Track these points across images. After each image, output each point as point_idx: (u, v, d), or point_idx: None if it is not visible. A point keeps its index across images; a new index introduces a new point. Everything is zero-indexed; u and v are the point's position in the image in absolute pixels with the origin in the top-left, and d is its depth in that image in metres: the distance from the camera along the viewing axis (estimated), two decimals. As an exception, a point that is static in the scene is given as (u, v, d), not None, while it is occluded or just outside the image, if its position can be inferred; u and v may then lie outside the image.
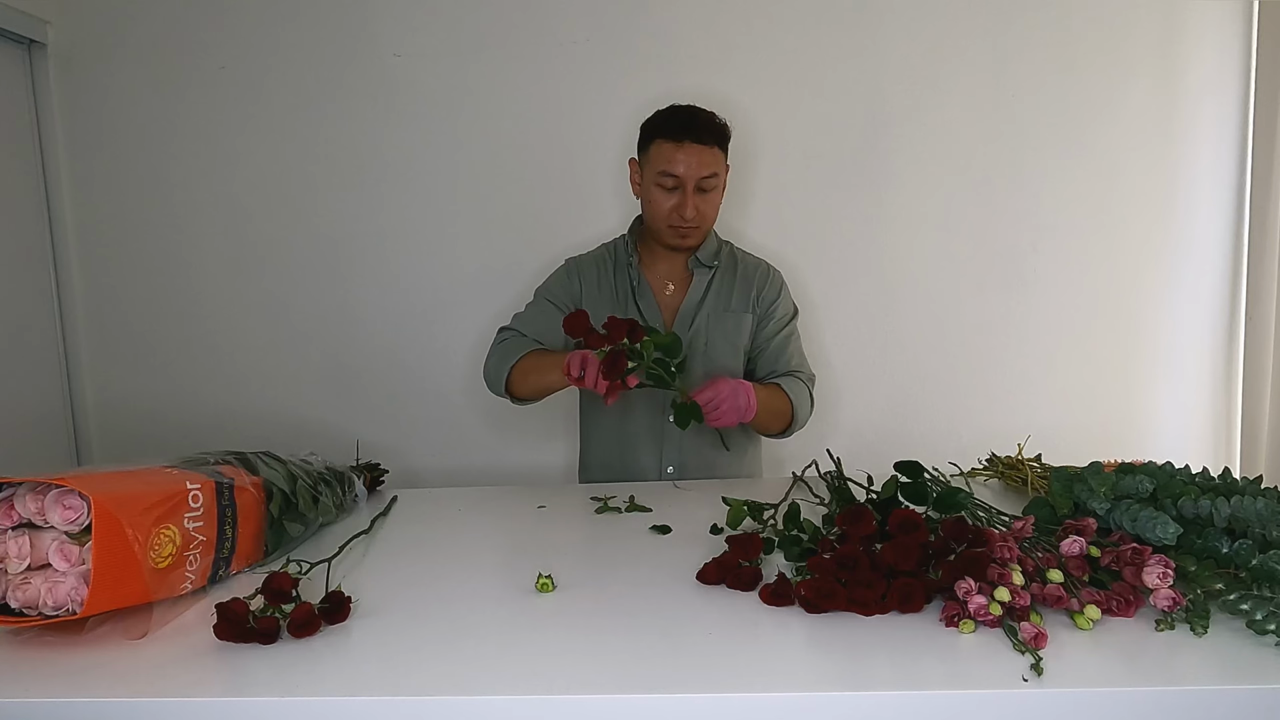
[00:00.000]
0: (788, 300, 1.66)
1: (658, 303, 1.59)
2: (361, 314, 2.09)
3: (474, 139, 2.02)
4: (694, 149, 1.45)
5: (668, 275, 1.61)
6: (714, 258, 1.61)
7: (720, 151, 1.50)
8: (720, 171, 1.51)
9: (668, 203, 1.49)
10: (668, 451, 1.59)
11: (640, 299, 1.58)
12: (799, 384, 1.59)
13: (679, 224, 1.50)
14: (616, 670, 0.76)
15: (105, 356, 2.10)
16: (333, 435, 2.05)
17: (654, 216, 1.53)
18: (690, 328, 1.57)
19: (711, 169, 1.47)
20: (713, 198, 1.52)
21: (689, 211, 1.47)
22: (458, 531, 1.22)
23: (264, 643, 0.82)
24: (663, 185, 1.49)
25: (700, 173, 1.46)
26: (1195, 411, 2.13)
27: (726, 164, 1.54)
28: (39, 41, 1.96)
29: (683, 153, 1.46)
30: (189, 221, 2.06)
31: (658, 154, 1.48)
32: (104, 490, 0.83)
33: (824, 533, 1.02)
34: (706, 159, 1.46)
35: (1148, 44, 1.99)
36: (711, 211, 1.53)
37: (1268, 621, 0.76)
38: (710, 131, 1.48)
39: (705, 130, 1.47)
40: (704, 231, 1.56)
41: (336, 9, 1.99)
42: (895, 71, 2.00)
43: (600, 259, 1.64)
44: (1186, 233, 2.06)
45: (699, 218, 1.50)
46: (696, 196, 1.48)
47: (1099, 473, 1.02)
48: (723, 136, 1.51)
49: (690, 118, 1.48)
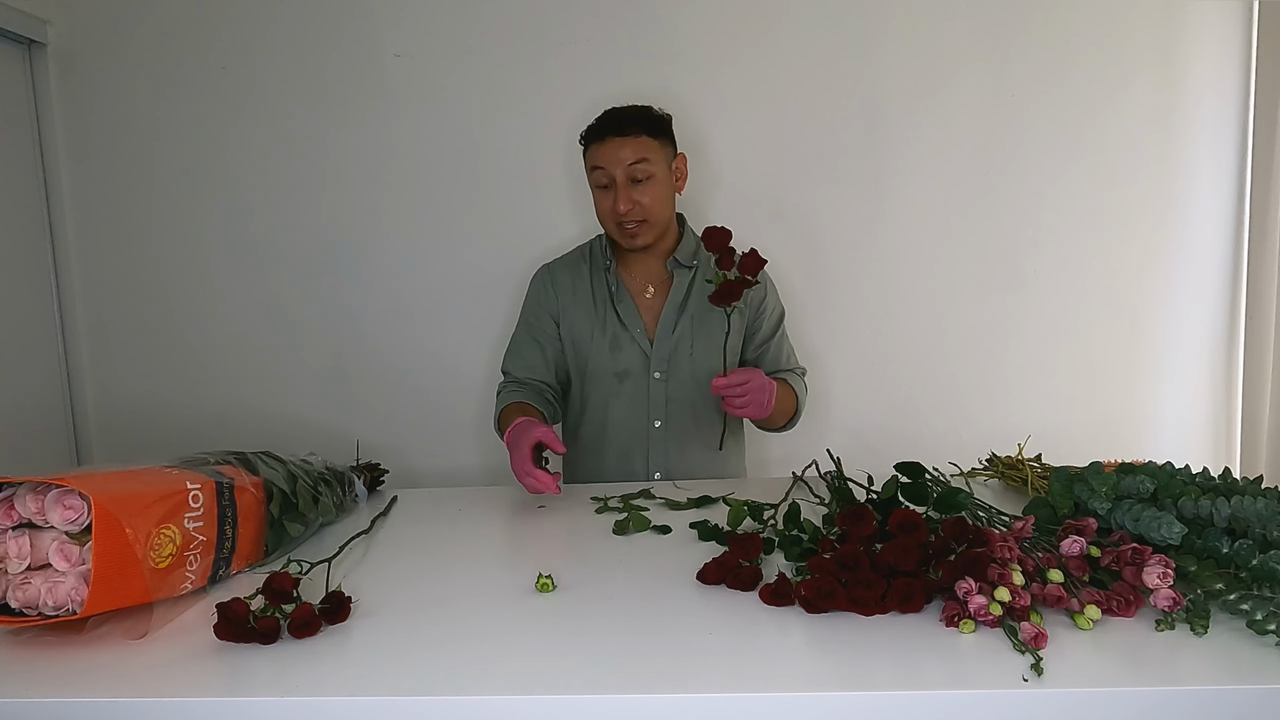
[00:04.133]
0: (776, 297, 1.64)
1: (637, 307, 1.57)
2: (362, 314, 2.09)
3: (474, 139, 2.02)
4: (615, 141, 1.46)
5: (646, 278, 1.58)
6: (693, 257, 1.58)
7: (649, 139, 1.48)
8: (652, 158, 1.47)
9: (606, 202, 1.49)
10: (654, 457, 1.58)
11: (619, 304, 1.57)
12: (799, 380, 1.60)
13: (620, 220, 1.48)
14: (616, 670, 0.76)
15: (105, 356, 2.10)
16: (333, 435, 2.05)
17: (602, 221, 1.54)
18: (674, 332, 1.55)
19: (638, 155, 1.46)
20: (651, 188, 1.48)
21: (622, 205, 1.46)
22: (458, 531, 1.22)
23: (264, 643, 0.82)
24: (598, 185, 1.50)
25: (626, 160, 1.45)
26: (1195, 411, 2.13)
27: (673, 153, 1.53)
28: (39, 41, 1.96)
29: (605, 147, 1.47)
30: (189, 221, 2.06)
31: (588, 157, 1.51)
32: (104, 490, 0.83)
33: (824, 533, 1.02)
34: (630, 148, 1.46)
35: (1148, 44, 1.99)
36: (653, 203, 1.48)
37: (1268, 621, 0.76)
38: (632, 121, 1.47)
39: (625, 121, 1.47)
40: (654, 226, 1.51)
41: (336, 9, 1.99)
42: (895, 71, 2.00)
43: (575, 263, 1.63)
44: (1186, 233, 2.06)
45: (638, 210, 1.47)
46: (631, 189, 1.47)
47: (1099, 473, 1.02)
48: (651, 125, 1.49)
49: (610, 114, 1.50)
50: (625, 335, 1.56)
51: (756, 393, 1.36)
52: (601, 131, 1.48)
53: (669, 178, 1.52)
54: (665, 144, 1.52)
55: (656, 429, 1.57)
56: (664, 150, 1.51)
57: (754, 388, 1.36)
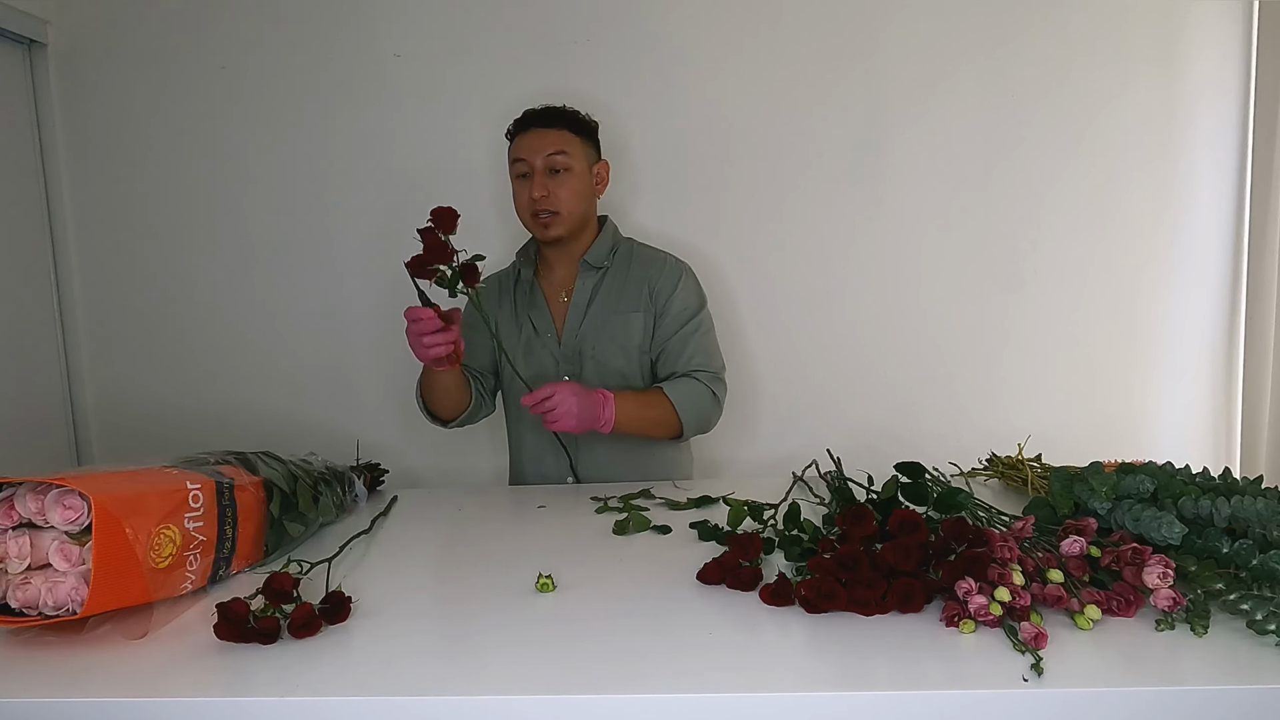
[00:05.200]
0: (689, 294, 1.58)
1: (550, 312, 1.58)
2: (362, 314, 2.09)
3: (474, 139, 2.02)
4: (536, 132, 1.50)
5: (563, 283, 1.60)
6: (604, 258, 1.58)
7: (572, 135, 1.51)
8: (572, 152, 1.50)
9: (524, 193, 1.51)
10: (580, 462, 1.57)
11: (532, 310, 1.59)
12: (693, 385, 1.51)
13: (533, 208, 1.50)
14: (616, 670, 0.76)
15: (105, 356, 2.11)
16: (333, 435, 2.05)
17: (519, 212, 1.55)
18: (577, 333, 1.56)
19: (558, 147, 1.49)
20: (568, 180, 1.50)
21: (536, 190, 1.48)
22: (458, 531, 1.22)
23: (264, 643, 0.82)
24: (518, 175, 1.52)
25: (544, 150, 1.48)
26: (1195, 411, 2.13)
27: (595, 156, 1.56)
28: (39, 41, 1.96)
29: (526, 138, 1.51)
30: (189, 221, 2.06)
31: (511, 152, 1.54)
32: (104, 490, 0.83)
33: (824, 533, 1.02)
34: (550, 139, 1.49)
35: (1148, 44, 1.99)
36: (568, 196, 1.50)
37: (1268, 621, 0.76)
38: (555, 116, 1.52)
39: (547, 116, 1.52)
40: (566, 220, 1.51)
41: (337, 9, 1.99)
42: (895, 71, 2.00)
43: (505, 274, 1.66)
44: (1186, 232, 2.06)
45: (552, 199, 1.49)
46: (548, 179, 1.49)
47: (1099, 473, 1.02)
48: (575, 123, 1.53)
49: (534, 109, 1.54)
50: (537, 340, 1.58)
51: (563, 403, 1.34)
52: (525, 123, 1.53)
53: (588, 177, 1.55)
54: (587, 143, 1.55)
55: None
56: (585, 149, 1.54)
57: (559, 401, 1.34)
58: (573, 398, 1.35)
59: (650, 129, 1.99)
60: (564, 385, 1.37)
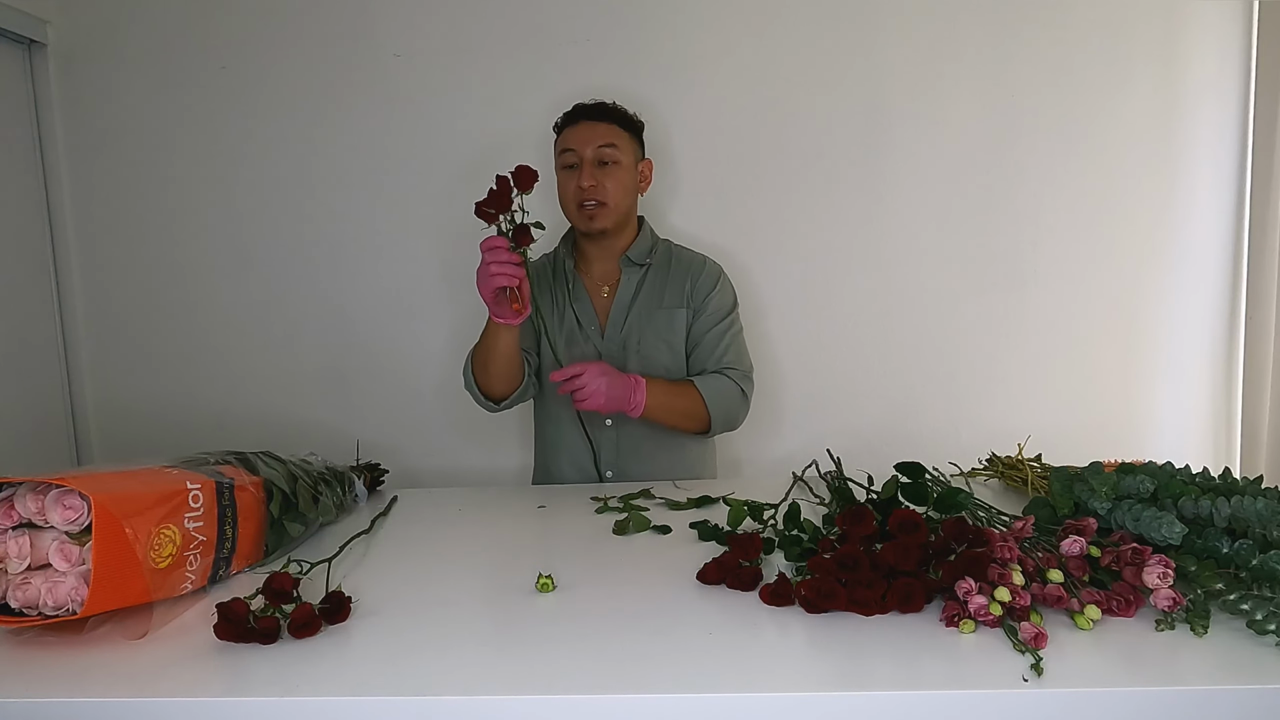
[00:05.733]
0: (725, 294, 1.62)
1: (593, 305, 1.59)
2: (362, 314, 2.09)
3: (474, 139, 2.02)
4: (587, 124, 1.53)
5: (603, 277, 1.61)
6: (646, 255, 1.61)
7: (620, 129, 1.54)
8: (620, 146, 1.53)
9: (571, 183, 1.52)
10: (606, 456, 1.58)
11: (575, 301, 1.60)
12: (723, 381, 1.54)
13: (580, 198, 1.51)
14: (616, 670, 0.76)
15: (105, 357, 2.10)
16: (333, 435, 2.05)
17: (564, 204, 1.56)
18: (623, 327, 1.57)
19: (607, 139, 1.51)
20: (615, 173, 1.52)
21: (586, 180, 1.49)
22: (458, 531, 1.22)
23: (264, 643, 0.82)
24: (565, 165, 1.53)
25: (594, 142, 1.51)
26: (1195, 411, 2.13)
27: (640, 153, 1.58)
28: (39, 41, 1.96)
29: (576, 130, 1.53)
30: (189, 221, 2.06)
31: (559, 143, 1.56)
32: (104, 490, 0.83)
33: (824, 533, 1.02)
34: (600, 131, 1.52)
35: (1148, 44, 1.99)
36: (616, 188, 1.52)
37: (1268, 621, 0.76)
38: (605, 111, 1.55)
39: (598, 110, 1.54)
40: (613, 212, 1.53)
41: (337, 9, 1.99)
42: (895, 71, 2.00)
43: (541, 266, 1.66)
44: (1186, 233, 2.06)
45: (599, 190, 1.51)
46: (596, 170, 1.51)
47: (1099, 473, 1.02)
48: (624, 119, 1.56)
49: (584, 103, 1.56)
50: (580, 333, 1.59)
51: (593, 381, 1.37)
52: (575, 116, 1.55)
53: (634, 172, 1.57)
54: (634, 140, 1.58)
55: (608, 427, 1.58)
56: (632, 144, 1.57)
57: (588, 379, 1.37)
58: (602, 377, 1.38)
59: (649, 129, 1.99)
60: (594, 364, 1.39)
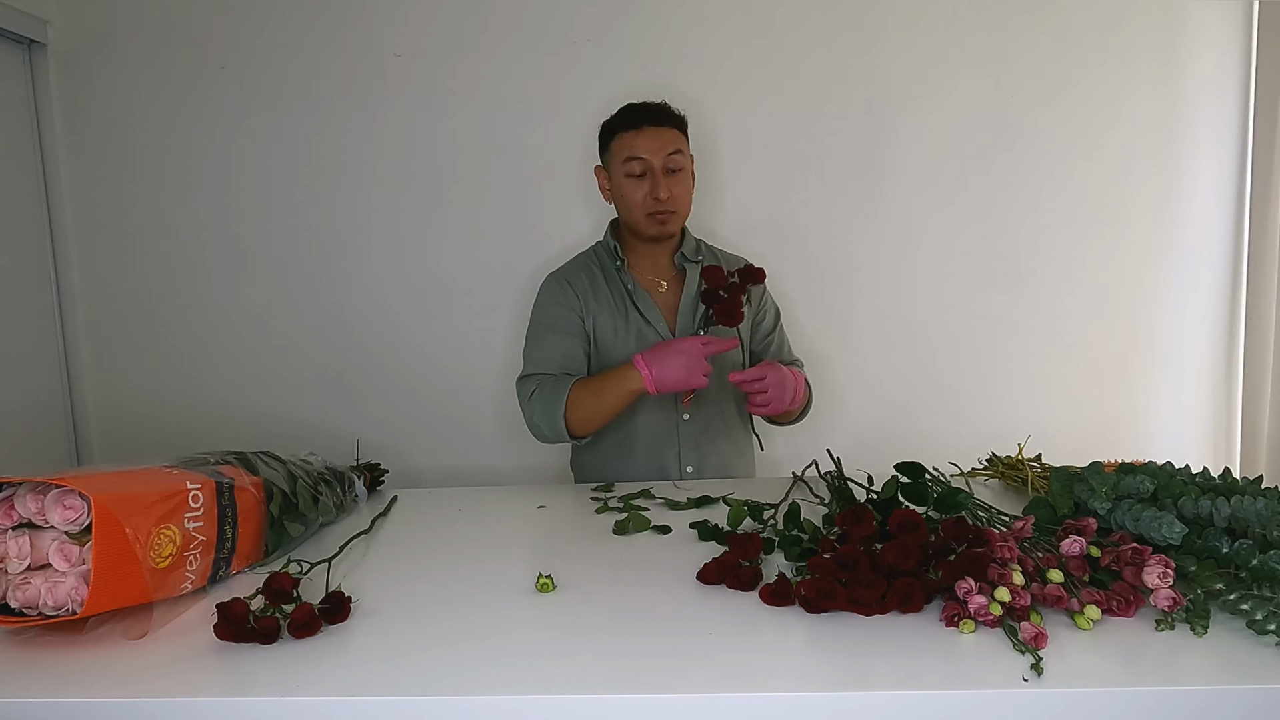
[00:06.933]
0: (769, 293, 1.70)
1: (655, 302, 1.59)
2: (361, 313, 2.09)
3: (474, 139, 2.02)
4: (653, 130, 1.50)
5: (656, 274, 1.61)
6: (697, 254, 1.63)
7: (679, 134, 1.53)
8: (684, 150, 1.52)
9: (640, 191, 1.50)
10: (685, 451, 1.57)
11: (639, 300, 1.58)
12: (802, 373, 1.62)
13: (655, 209, 1.50)
14: (616, 670, 0.76)
15: (105, 357, 2.10)
16: (333, 435, 2.05)
17: (630, 209, 1.53)
18: (694, 322, 1.57)
19: (675, 146, 1.50)
20: (682, 180, 1.52)
21: (663, 192, 1.48)
22: (458, 531, 1.22)
23: (264, 643, 0.82)
24: (631, 174, 1.51)
25: (664, 150, 1.49)
26: (1195, 411, 2.13)
27: (690, 153, 1.56)
28: (39, 41, 1.96)
29: (643, 136, 1.49)
30: (189, 221, 2.06)
31: (620, 146, 1.51)
32: (104, 490, 0.83)
33: (824, 533, 1.02)
34: (668, 138, 1.50)
35: (1148, 44, 1.99)
36: (684, 195, 1.53)
37: (1268, 621, 0.76)
38: (665, 115, 1.52)
39: (660, 114, 1.52)
40: (681, 217, 1.55)
41: (336, 9, 1.99)
42: (895, 71, 2.00)
43: (585, 267, 1.62)
44: (1186, 233, 2.06)
45: (673, 200, 1.50)
46: (667, 178, 1.49)
47: (1099, 473, 1.02)
48: (680, 121, 1.55)
49: (643, 106, 1.53)
50: (650, 330, 1.57)
51: (776, 387, 1.37)
52: (637, 120, 1.51)
53: (693, 173, 1.58)
54: (687, 141, 1.57)
55: (685, 421, 1.58)
56: (690, 151, 1.57)
57: (773, 382, 1.37)
58: (780, 381, 1.39)
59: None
60: (773, 366, 1.40)
